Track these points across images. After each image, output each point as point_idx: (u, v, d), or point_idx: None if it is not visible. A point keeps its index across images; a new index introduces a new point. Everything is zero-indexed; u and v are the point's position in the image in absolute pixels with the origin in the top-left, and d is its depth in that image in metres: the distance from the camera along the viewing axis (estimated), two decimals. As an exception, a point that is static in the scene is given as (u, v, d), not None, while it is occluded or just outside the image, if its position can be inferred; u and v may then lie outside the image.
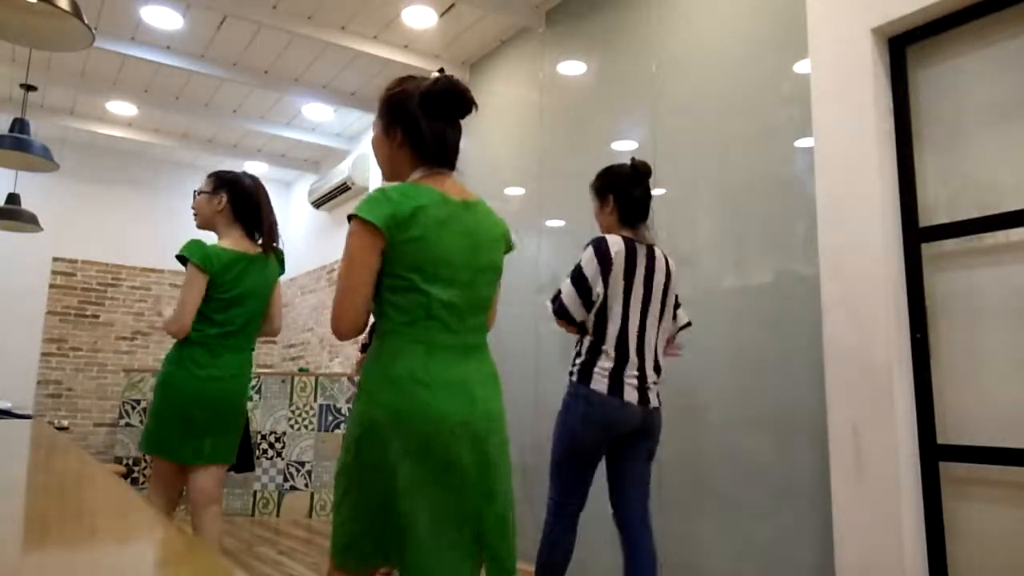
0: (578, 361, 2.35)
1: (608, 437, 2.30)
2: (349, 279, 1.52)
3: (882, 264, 2.41)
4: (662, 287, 2.39)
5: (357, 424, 1.52)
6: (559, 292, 2.35)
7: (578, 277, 2.32)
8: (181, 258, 2.49)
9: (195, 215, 2.68)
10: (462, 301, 1.56)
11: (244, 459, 2.71)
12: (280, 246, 2.75)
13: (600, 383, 2.28)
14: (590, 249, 2.33)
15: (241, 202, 2.64)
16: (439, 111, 1.61)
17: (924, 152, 2.49)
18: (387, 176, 1.69)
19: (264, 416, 5.47)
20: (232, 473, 2.72)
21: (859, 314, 2.44)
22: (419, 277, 1.52)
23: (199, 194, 2.67)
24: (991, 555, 2.19)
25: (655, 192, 3.01)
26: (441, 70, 1.67)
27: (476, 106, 1.64)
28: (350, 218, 1.53)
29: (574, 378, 2.34)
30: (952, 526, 2.29)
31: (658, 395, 2.39)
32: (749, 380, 2.85)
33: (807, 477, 2.60)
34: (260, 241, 2.67)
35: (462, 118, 1.66)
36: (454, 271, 1.55)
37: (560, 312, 2.34)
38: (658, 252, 2.42)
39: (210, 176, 2.71)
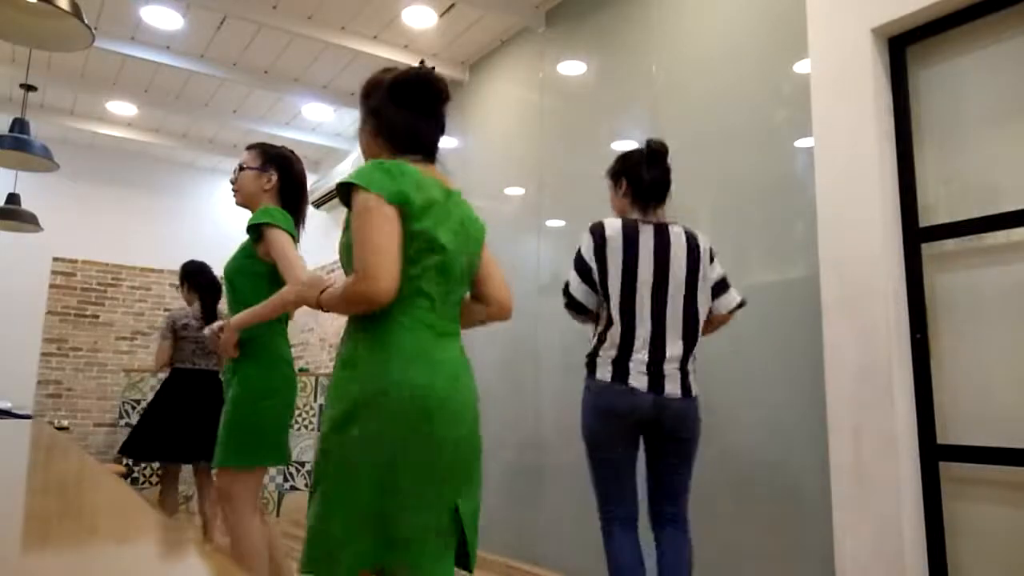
0: (587, 353, 2.31)
1: (623, 429, 2.21)
2: (377, 237, 1.42)
3: (882, 264, 2.41)
4: (684, 265, 2.26)
5: (347, 399, 1.44)
6: (568, 283, 2.31)
7: (578, 261, 2.29)
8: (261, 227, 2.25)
9: (235, 192, 2.41)
10: (449, 285, 1.55)
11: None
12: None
13: (604, 371, 2.22)
14: (585, 233, 2.30)
15: (290, 185, 2.41)
16: (408, 100, 1.59)
17: (924, 152, 2.48)
18: None
19: (264, 416, 5.45)
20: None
21: (859, 314, 2.44)
22: (420, 247, 1.48)
23: (243, 168, 2.40)
24: (991, 555, 2.19)
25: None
26: (422, 62, 1.64)
27: (448, 97, 1.62)
28: (346, 186, 1.47)
29: (584, 372, 2.30)
30: (952, 526, 2.29)
31: (683, 382, 2.24)
32: (748, 379, 2.85)
33: (807, 477, 2.60)
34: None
35: (435, 108, 1.63)
36: (447, 253, 1.52)
37: (571, 303, 2.30)
38: (675, 230, 2.29)
39: (254, 148, 2.44)
